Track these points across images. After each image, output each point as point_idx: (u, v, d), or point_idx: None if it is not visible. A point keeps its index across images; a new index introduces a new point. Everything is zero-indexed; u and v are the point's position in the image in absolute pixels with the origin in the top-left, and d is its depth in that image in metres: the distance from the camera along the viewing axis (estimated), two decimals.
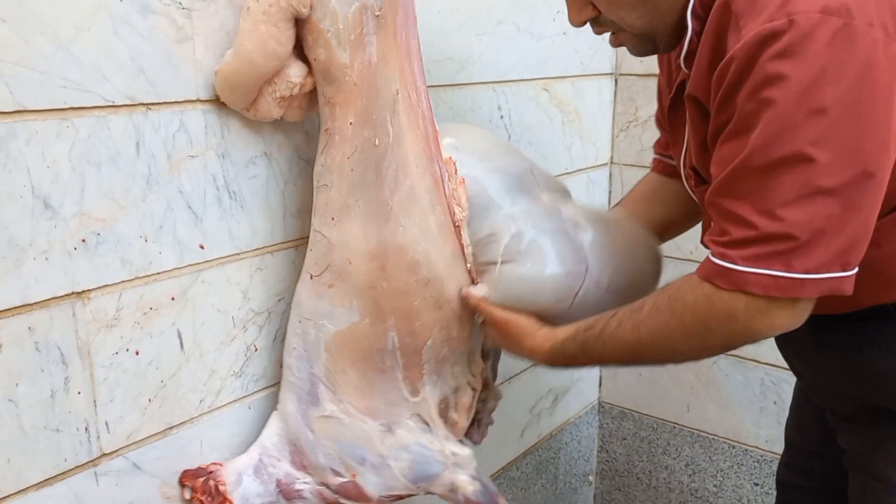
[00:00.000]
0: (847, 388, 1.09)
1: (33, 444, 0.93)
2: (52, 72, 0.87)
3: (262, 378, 1.19)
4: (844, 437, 1.15)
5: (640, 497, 2.16)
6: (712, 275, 0.89)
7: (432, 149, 1.06)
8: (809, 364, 1.16)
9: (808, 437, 1.31)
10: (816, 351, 1.10)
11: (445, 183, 1.09)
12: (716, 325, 0.91)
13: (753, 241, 0.86)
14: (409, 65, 1.05)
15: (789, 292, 0.85)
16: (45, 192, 0.89)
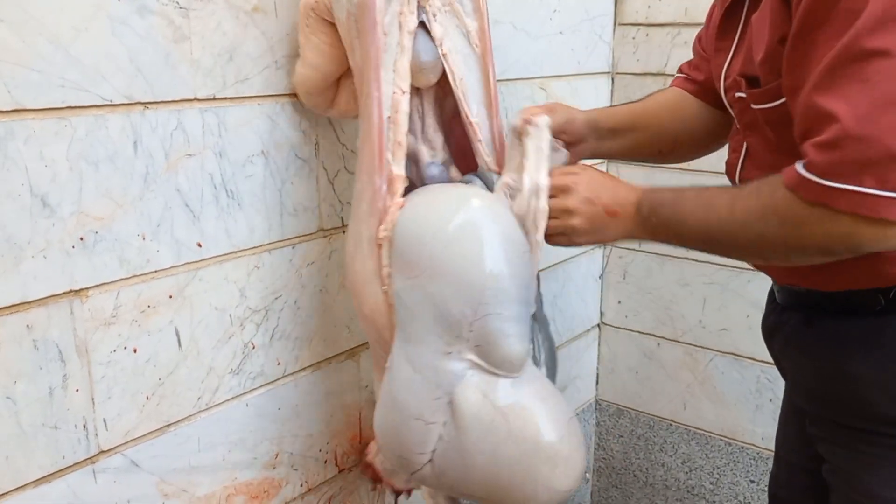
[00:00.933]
0: (826, 390, 1.05)
1: (32, 442, 0.93)
2: (50, 71, 0.88)
3: (259, 376, 1.20)
4: (826, 448, 1.08)
5: (636, 494, 2.17)
6: (796, 185, 0.83)
7: (376, 162, 1.04)
8: (793, 363, 1.13)
9: (795, 450, 1.24)
10: (798, 349, 1.08)
11: (383, 198, 1.05)
12: (808, 228, 0.84)
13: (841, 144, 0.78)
14: (367, 72, 1.03)
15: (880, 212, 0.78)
16: (43, 191, 0.89)
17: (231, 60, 1.06)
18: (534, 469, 1.00)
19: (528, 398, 1.02)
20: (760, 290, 1.80)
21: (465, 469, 1.03)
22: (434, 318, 1.00)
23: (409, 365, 1.03)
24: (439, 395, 1.02)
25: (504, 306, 1.00)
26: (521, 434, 1.00)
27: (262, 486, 1.24)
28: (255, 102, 1.11)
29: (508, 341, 1.00)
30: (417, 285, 1.01)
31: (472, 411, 1.01)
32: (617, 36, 1.93)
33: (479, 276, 0.99)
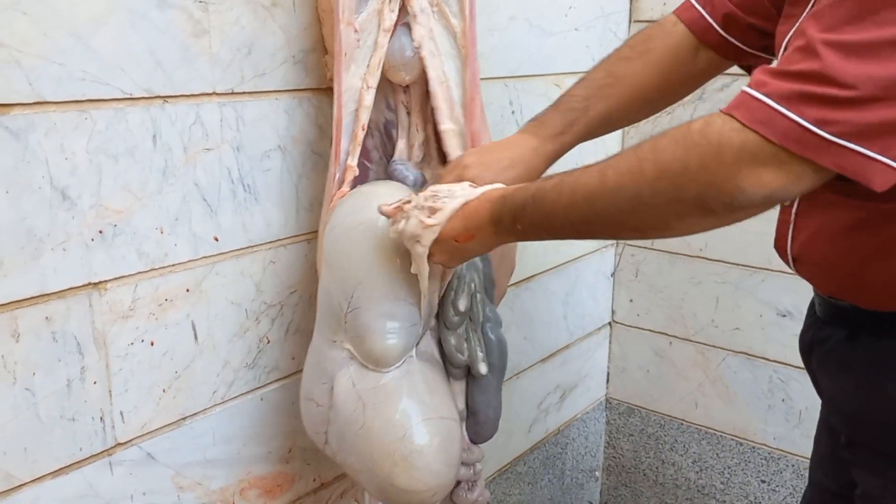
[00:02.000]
0: (864, 413, 0.99)
1: (49, 433, 0.94)
2: (71, 64, 0.88)
3: (274, 370, 1.20)
4: (859, 473, 1.02)
5: (646, 493, 2.16)
6: (735, 105, 0.74)
7: (335, 151, 1.09)
8: (831, 382, 1.05)
9: (827, 473, 1.17)
10: (838, 368, 1.02)
11: (336, 185, 1.10)
12: (696, 163, 0.74)
13: (807, 77, 0.70)
14: (336, 66, 1.06)
15: (806, 150, 0.70)
16: (63, 184, 0.90)
17: (249, 55, 1.06)
18: (378, 463, 1.01)
19: (388, 392, 1.03)
20: (774, 289, 1.80)
21: (343, 452, 1.07)
22: (325, 308, 1.07)
23: (312, 350, 1.11)
24: (325, 379, 1.07)
25: (375, 303, 1.02)
26: (371, 425, 1.02)
27: (276, 481, 1.24)
28: (273, 97, 1.11)
29: (375, 336, 1.03)
30: (322, 276, 1.08)
31: (341, 398, 1.05)
32: (632, 32, 1.92)
33: (354, 271, 1.03)
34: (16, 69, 0.84)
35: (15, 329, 0.88)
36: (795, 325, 1.79)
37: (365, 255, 1.02)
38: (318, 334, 1.09)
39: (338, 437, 1.06)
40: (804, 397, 1.81)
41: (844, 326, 1.00)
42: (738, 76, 1.82)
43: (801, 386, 1.81)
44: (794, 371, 1.82)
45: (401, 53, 1.09)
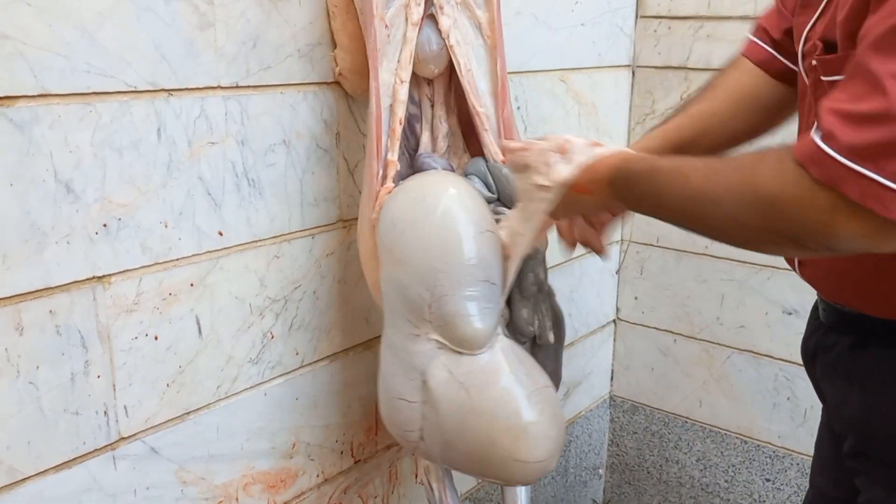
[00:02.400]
0: (870, 424, 0.96)
1: (53, 427, 0.93)
2: (75, 57, 0.88)
3: (277, 365, 1.19)
4: (863, 482, 1.00)
5: (650, 491, 2.16)
6: (807, 158, 0.71)
7: (374, 147, 1.08)
8: (835, 390, 1.03)
9: (828, 480, 1.16)
10: (843, 377, 0.99)
11: (378, 182, 1.10)
12: (791, 206, 0.73)
13: (876, 120, 0.66)
14: (372, 62, 1.07)
15: (891, 211, 0.67)
16: (67, 177, 0.89)
17: (254, 48, 1.06)
18: (497, 441, 1.02)
19: (490, 372, 1.04)
20: (779, 287, 1.79)
21: (446, 444, 1.07)
22: (402, 303, 1.05)
23: (390, 349, 1.09)
24: (414, 375, 1.06)
25: (460, 288, 1.02)
26: (483, 407, 1.02)
27: (279, 476, 1.24)
28: (278, 91, 1.11)
29: (465, 321, 1.02)
30: (390, 272, 1.06)
31: (440, 389, 1.04)
32: (638, 28, 1.91)
33: (432, 260, 1.02)
34: (20, 61, 0.83)
35: (19, 322, 0.88)
36: (801, 323, 1.78)
37: (439, 242, 1.02)
38: (394, 332, 1.08)
39: (439, 430, 1.05)
40: (809, 396, 1.79)
41: (851, 334, 0.97)
42: None
43: (806, 384, 1.78)
44: (800, 369, 1.79)
45: (428, 46, 1.10)
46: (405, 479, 1.50)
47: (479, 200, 1.08)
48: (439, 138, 1.18)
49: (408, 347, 1.06)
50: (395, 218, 1.05)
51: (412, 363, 1.06)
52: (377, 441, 1.40)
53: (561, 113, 1.72)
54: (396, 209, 1.06)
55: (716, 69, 1.76)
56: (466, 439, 1.04)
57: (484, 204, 1.09)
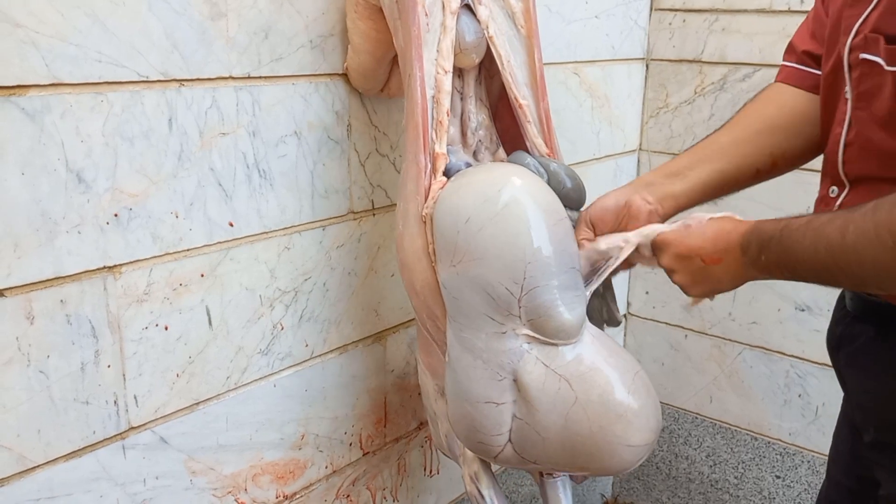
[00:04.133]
0: (891, 414, 0.97)
1: (63, 416, 0.94)
2: (87, 46, 0.88)
3: (287, 357, 1.19)
4: (883, 475, 1.01)
5: (659, 487, 2.15)
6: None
7: (421, 139, 1.05)
8: (858, 380, 1.04)
9: (845, 470, 1.17)
10: (866, 366, 0.99)
11: (427, 176, 1.06)
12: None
13: None
14: (409, 52, 1.04)
15: None
16: (78, 167, 0.89)
17: (266, 39, 1.06)
18: (608, 429, 1.00)
19: (590, 361, 1.02)
20: (793, 284, 1.78)
21: (543, 442, 1.04)
22: (483, 301, 1.01)
23: (469, 353, 1.04)
24: (503, 375, 1.02)
25: (549, 277, 0.99)
26: (588, 397, 1.00)
27: (288, 467, 1.24)
28: (290, 82, 1.10)
29: (559, 310, 1.00)
30: (461, 272, 1.01)
31: (538, 384, 1.01)
32: (653, 21, 1.90)
33: (519, 253, 0.98)
34: (32, 50, 0.83)
35: (30, 311, 0.88)
36: (814, 319, 1.78)
37: (523, 234, 0.99)
38: (473, 334, 1.04)
39: (535, 427, 1.03)
40: (821, 393, 1.80)
41: (875, 324, 0.97)
42: (760, 66, 1.79)
43: (818, 381, 1.79)
44: (812, 366, 1.80)
45: (467, 35, 1.07)
46: (414, 472, 1.50)
47: (546, 188, 1.05)
48: (469, 132, 1.16)
49: (493, 347, 1.02)
50: (467, 214, 1.00)
51: (499, 363, 1.02)
52: (386, 433, 1.40)
53: (574, 105, 1.71)
54: (464, 206, 1.01)
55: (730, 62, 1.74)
56: (571, 432, 1.02)
57: (550, 191, 1.06)
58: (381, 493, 1.44)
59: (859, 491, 1.10)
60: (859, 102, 0.91)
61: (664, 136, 1.94)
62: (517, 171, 1.05)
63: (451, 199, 1.03)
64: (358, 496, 1.39)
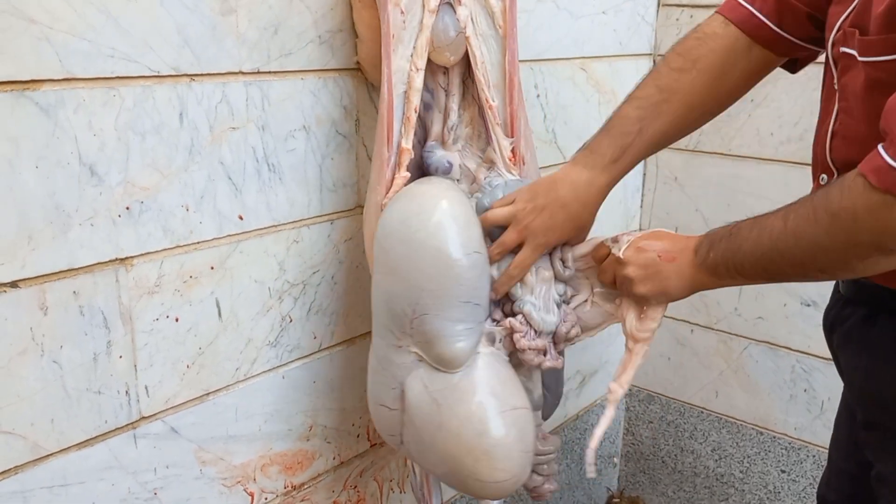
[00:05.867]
0: (880, 393, 1.00)
1: (75, 406, 0.95)
2: (100, 41, 0.89)
3: (296, 349, 1.21)
4: (875, 455, 1.04)
5: (664, 481, 2.16)
6: (871, 170, 0.78)
7: (385, 133, 1.08)
8: (849, 361, 1.06)
9: (845, 454, 1.19)
10: (857, 347, 1.03)
11: (390, 168, 1.09)
12: (867, 218, 0.79)
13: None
14: (385, 48, 1.06)
15: None
16: (91, 160, 0.91)
17: (276, 34, 1.07)
18: (461, 460, 1.04)
19: (462, 392, 1.05)
20: None
21: (422, 454, 1.10)
22: (387, 313, 1.06)
23: (375, 357, 1.11)
24: (395, 384, 1.08)
25: (440, 308, 1.03)
26: (450, 425, 1.04)
27: (296, 458, 1.25)
28: (299, 77, 1.11)
29: (443, 341, 1.04)
30: (379, 280, 1.07)
31: (415, 401, 1.06)
32: (660, 17, 1.90)
33: (418, 279, 1.02)
34: (46, 45, 0.85)
35: (43, 302, 0.90)
36: (820, 315, 1.76)
37: (427, 261, 1.02)
38: (379, 339, 1.09)
39: (415, 439, 1.08)
40: (827, 388, 1.80)
41: (865, 305, 1.01)
42: None
43: (823, 376, 1.80)
44: (818, 361, 1.80)
45: (445, 34, 1.08)
46: None
47: (472, 218, 1.07)
48: (452, 129, 1.17)
49: (390, 357, 1.07)
50: (391, 228, 1.05)
51: (393, 373, 1.08)
52: None
53: (581, 101, 1.72)
54: (392, 219, 1.05)
55: None
56: (437, 452, 1.07)
57: (476, 223, 1.07)
58: (389, 485, 1.45)
59: (859, 475, 1.11)
60: (842, 93, 0.95)
61: None
62: (443, 193, 1.06)
63: (389, 210, 1.07)
64: (365, 487, 1.40)
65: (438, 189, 1.08)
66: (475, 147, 1.18)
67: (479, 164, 1.17)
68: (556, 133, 1.66)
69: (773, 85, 1.75)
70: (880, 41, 0.85)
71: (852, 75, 0.91)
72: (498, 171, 1.14)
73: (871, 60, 0.87)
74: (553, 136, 1.65)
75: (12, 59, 0.82)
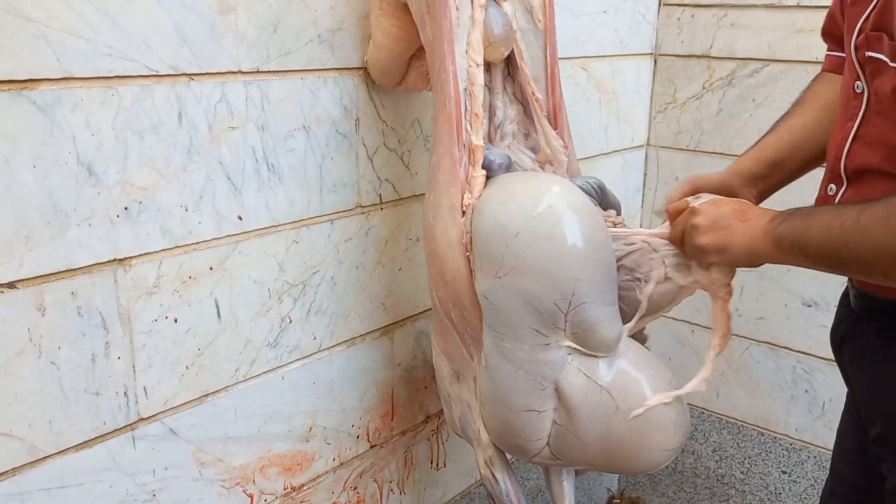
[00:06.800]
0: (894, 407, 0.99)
1: (73, 407, 0.95)
2: (97, 40, 0.88)
3: (295, 349, 1.20)
4: (889, 468, 1.02)
5: (665, 481, 2.15)
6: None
7: (455, 131, 1.06)
8: (863, 377, 1.05)
9: (851, 466, 1.18)
10: (871, 363, 1.01)
11: (463, 168, 1.08)
12: None
13: None
14: (440, 45, 1.05)
15: None
16: (89, 160, 0.90)
17: (275, 33, 1.06)
18: (648, 437, 1.05)
19: (628, 372, 1.06)
20: (799, 279, 1.78)
21: (583, 446, 1.08)
22: (528, 314, 1.03)
23: (510, 363, 1.07)
24: (545, 385, 1.06)
25: (595, 294, 1.02)
26: (629, 406, 1.05)
27: (296, 459, 1.25)
28: (298, 76, 1.11)
29: (604, 325, 1.03)
30: (506, 284, 1.02)
31: (580, 394, 1.05)
32: (661, 16, 1.90)
33: (569, 271, 1.01)
34: (43, 44, 0.84)
35: (41, 303, 0.89)
36: (821, 315, 1.77)
37: (576, 251, 1.01)
38: (516, 344, 1.06)
39: (574, 433, 1.07)
40: (828, 388, 1.79)
41: (879, 321, 0.99)
42: (769, 61, 1.79)
43: (825, 377, 1.79)
44: (819, 362, 1.80)
45: (496, 28, 1.08)
46: (420, 464, 1.51)
47: (589, 203, 1.07)
48: (498, 127, 1.16)
49: (536, 358, 1.05)
50: (516, 228, 1.01)
51: (542, 373, 1.06)
52: (392, 426, 1.41)
53: (582, 100, 1.71)
54: (514, 218, 1.02)
55: (739, 58, 1.75)
56: (611, 439, 1.06)
57: (593, 206, 1.09)
58: (388, 486, 1.45)
59: (867, 486, 1.11)
60: (875, 97, 0.93)
61: (672, 131, 1.94)
62: (560, 185, 1.06)
63: (497, 212, 1.04)
64: (365, 488, 1.39)
65: (544, 180, 1.08)
66: (522, 144, 1.18)
67: (533, 160, 1.17)
68: None
69: (773, 84, 1.74)
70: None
71: (882, 80, 0.90)
72: None
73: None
74: None
75: (10, 58, 0.82)
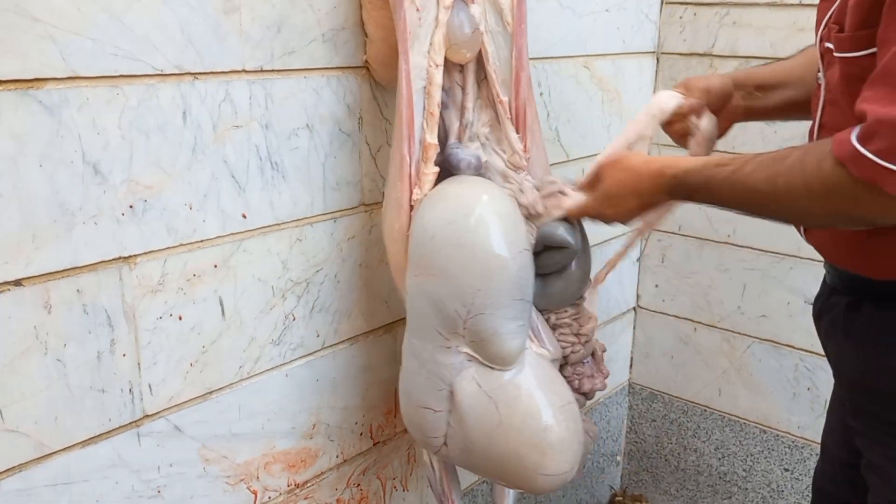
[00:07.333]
0: (866, 380, 1.01)
1: (79, 404, 0.96)
2: (104, 40, 0.89)
3: (299, 347, 1.21)
4: (863, 442, 1.06)
5: (667, 479, 2.16)
6: (847, 158, 0.80)
7: (406, 130, 1.08)
8: (836, 349, 1.09)
9: (839, 443, 1.21)
10: (842, 335, 1.05)
11: (413, 165, 1.10)
12: (841, 202, 0.84)
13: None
14: (402, 45, 1.07)
15: None
16: (95, 159, 0.91)
17: (279, 33, 1.07)
18: (524, 455, 1.05)
19: (519, 389, 1.06)
20: (802, 277, 1.78)
21: (469, 453, 1.10)
22: (434, 315, 1.06)
23: (415, 359, 1.10)
24: (442, 386, 1.08)
25: (496, 307, 1.03)
26: (511, 422, 1.05)
27: (300, 456, 1.26)
28: (302, 76, 1.11)
29: (501, 338, 1.04)
30: (419, 283, 1.07)
31: (468, 401, 1.07)
32: (664, 15, 1.90)
33: (472, 280, 1.03)
34: (50, 44, 0.85)
35: (47, 301, 0.90)
36: None
37: (480, 262, 1.03)
38: (421, 341, 1.09)
39: (464, 439, 1.08)
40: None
41: (848, 294, 1.03)
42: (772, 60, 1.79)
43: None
44: (821, 360, 1.79)
45: (460, 31, 1.09)
46: (423, 462, 1.51)
47: (517, 217, 1.08)
48: (468, 126, 1.17)
49: (437, 359, 1.07)
50: (433, 231, 1.04)
51: (440, 374, 1.07)
52: (396, 424, 1.42)
53: (584, 99, 1.72)
54: (435, 221, 1.05)
55: (742, 56, 1.75)
56: (492, 451, 1.07)
57: (522, 221, 1.09)
58: (392, 483, 1.45)
59: (854, 462, 1.13)
60: (828, 86, 0.98)
61: None
62: (487, 193, 1.07)
63: (426, 212, 1.07)
64: (368, 485, 1.40)
65: (479, 188, 1.09)
66: (497, 146, 1.19)
67: (505, 162, 1.17)
68: (559, 131, 1.66)
69: None
70: (851, 37, 0.88)
71: (833, 70, 0.94)
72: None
73: (845, 56, 0.90)
74: (556, 134, 1.65)
75: (16, 58, 0.83)
